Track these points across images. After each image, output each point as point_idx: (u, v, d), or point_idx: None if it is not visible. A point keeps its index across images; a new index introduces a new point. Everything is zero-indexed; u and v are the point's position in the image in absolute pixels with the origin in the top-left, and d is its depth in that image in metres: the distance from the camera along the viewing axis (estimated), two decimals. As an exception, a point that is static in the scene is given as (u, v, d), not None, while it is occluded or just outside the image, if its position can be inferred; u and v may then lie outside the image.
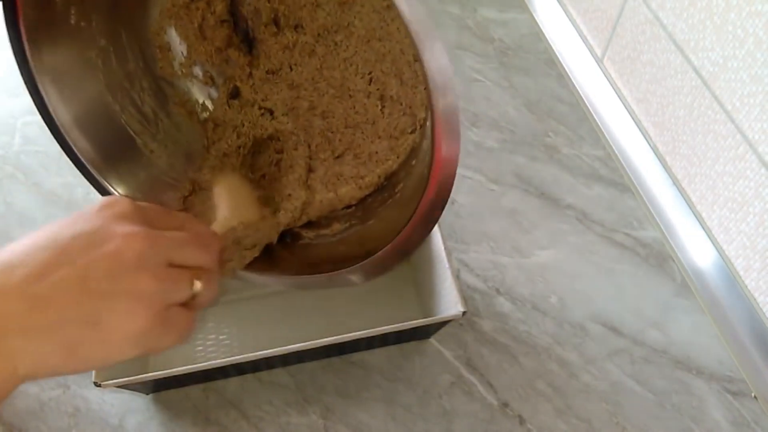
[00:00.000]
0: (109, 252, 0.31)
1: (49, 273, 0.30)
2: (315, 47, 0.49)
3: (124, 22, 0.52)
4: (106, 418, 0.56)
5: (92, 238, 0.31)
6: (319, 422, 0.56)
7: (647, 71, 0.73)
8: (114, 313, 0.30)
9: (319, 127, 0.51)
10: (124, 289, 0.31)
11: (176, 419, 0.56)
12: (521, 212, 0.70)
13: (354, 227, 0.50)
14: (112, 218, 0.32)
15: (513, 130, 0.77)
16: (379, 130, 0.48)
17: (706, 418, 0.56)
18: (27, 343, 0.29)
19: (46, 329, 0.29)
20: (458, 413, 0.56)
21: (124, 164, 0.53)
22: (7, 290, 0.29)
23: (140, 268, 0.31)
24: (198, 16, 0.52)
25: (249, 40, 0.53)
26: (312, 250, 0.52)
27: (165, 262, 0.33)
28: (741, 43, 0.57)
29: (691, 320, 0.62)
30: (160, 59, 0.55)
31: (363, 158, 0.50)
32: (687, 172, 0.69)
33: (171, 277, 0.33)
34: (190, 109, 0.56)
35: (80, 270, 0.30)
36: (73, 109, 0.50)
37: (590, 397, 0.57)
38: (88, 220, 0.32)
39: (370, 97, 0.48)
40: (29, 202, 0.70)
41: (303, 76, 0.51)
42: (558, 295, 0.63)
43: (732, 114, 0.60)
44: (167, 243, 0.33)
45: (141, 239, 0.31)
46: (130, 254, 0.31)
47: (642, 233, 0.68)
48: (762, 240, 0.59)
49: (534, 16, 0.90)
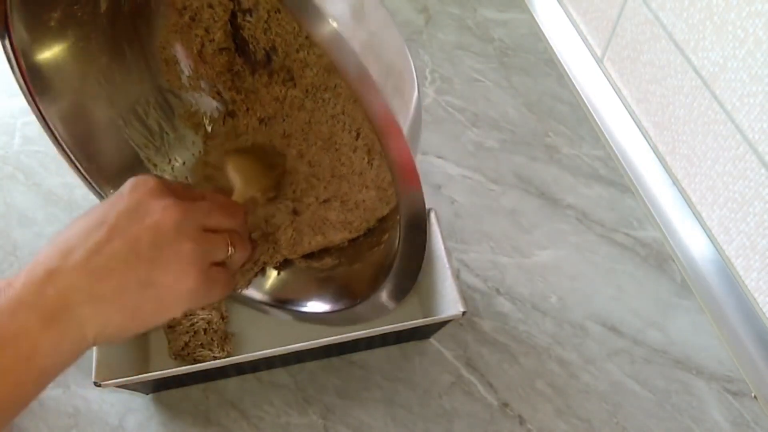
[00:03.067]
0: (151, 223, 0.35)
1: (102, 249, 0.34)
2: (304, 102, 0.49)
3: (128, 37, 0.51)
4: (106, 418, 0.56)
5: (134, 214, 0.35)
6: (319, 422, 0.56)
7: (647, 71, 0.73)
8: (165, 274, 0.35)
9: (304, 173, 0.51)
10: (170, 254, 0.35)
11: (176, 419, 0.55)
12: (521, 212, 0.70)
13: (342, 266, 0.50)
14: (147, 194, 0.36)
15: (513, 130, 0.77)
16: (366, 181, 0.48)
17: (706, 418, 0.56)
18: (94, 310, 0.34)
19: (109, 296, 0.34)
20: (458, 413, 0.56)
21: (128, 176, 0.53)
22: (71, 268, 0.33)
23: (180, 234, 0.36)
24: (197, 43, 0.51)
25: (253, 63, 0.52)
26: (299, 278, 0.52)
27: (200, 227, 0.37)
28: (741, 43, 0.57)
29: (691, 320, 0.62)
30: (166, 72, 0.54)
31: (350, 205, 0.50)
32: (687, 172, 0.69)
33: (208, 240, 0.37)
34: (197, 122, 0.56)
35: (130, 242, 0.35)
36: (75, 125, 0.50)
37: (590, 397, 0.57)
38: (126, 200, 0.36)
39: (356, 151, 0.48)
40: (29, 202, 0.70)
41: (293, 127, 0.51)
42: (558, 295, 0.63)
43: (732, 114, 0.60)
44: (199, 211, 0.38)
45: (176, 210, 0.36)
46: (169, 223, 0.35)
47: (642, 233, 0.68)
48: (762, 240, 0.59)
49: (534, 16, 0.90)
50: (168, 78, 0.54)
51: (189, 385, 0.57)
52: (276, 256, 0.52)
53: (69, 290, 0.33)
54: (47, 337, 0.33)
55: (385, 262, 0.44)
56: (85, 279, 0.33)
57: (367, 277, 0.47)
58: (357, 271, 0.49)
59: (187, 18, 0.51)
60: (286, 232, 0.51)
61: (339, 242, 0.51)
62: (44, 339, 0.33)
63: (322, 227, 0.51)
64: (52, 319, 0.33)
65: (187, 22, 0.51)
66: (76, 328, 0.33)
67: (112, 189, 0.53)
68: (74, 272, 0.33)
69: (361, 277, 0.48)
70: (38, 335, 0.32)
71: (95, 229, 0.35)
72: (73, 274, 0.33)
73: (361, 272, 0.49)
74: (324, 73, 0.47)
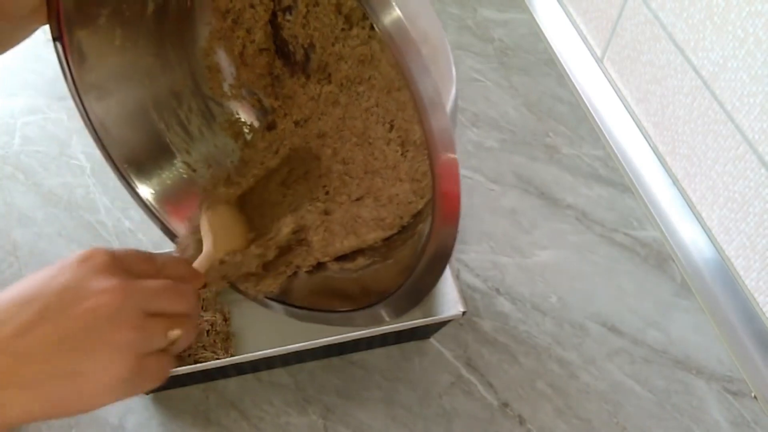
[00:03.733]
0: (85, 308, 0.32)
1: (31, 330, 0.32)
2: (339, 97, 0.49)
3: (173, 41, 0.52)
4: (106, 418, 0.56)
5: (70, 294, 0.33)
6: (319, 422, 0.56)
7: (647, 71, 0.73)
8: (92, 365, 0.32)
9: (338, 171, 0.51)
10: (102, 342, 0.32)
11: (176, 419, 0.55)
12: (521, 212, 0.70)
13: (375, 264, 0.50)
14: (90, 272, 0.34)
15: (513, 130, 0.77)
16: (400, 174, 0.48)
17: (706, 418, 0.56)
18: (13, 396, 0.31)
19: (30, 383, 0.31)
20: (458, 413, 0.56)
21: (159, 176, 0.53)
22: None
23: (116, 321, 0.33)
24: (239, 44, 0.52)
25: (292, 64, 0.52)
26: (328, 283, 0.52)
27: (141, 312, 0.34)
28: (741, 43, 0.57)
29: (691, 320, 0.62)
30: (209, 79, 0.54)
31: (383, 201, 0.50)
32: (687, 172, 0.69)
33: (147, 328, 0.34)
34: (237, 131, 0.56)
35: (60, 327, 0.32)
36: (117, 126, 0.50)
37: (590, 397, 0.57)
38: (66, 276, 0.33)
39: (390, 143, 0.48)
40: (29, 202, 0.70)
41: (328, 125, 0.51)
42: (558, 295, 0.63)
43: (732, 114, 0.60)
44: (143, 294, 0.35)
45: (115, 295, 0.33)
46: (105, 309, 0.33)
47: (642, 233, 0.68)
48: (762, 240, 0.59)
49: (534, 16, 0.90)
50: (211, 86, 0.55)
51: (189, 385, 0.57)
52: (309, 259, 0.52)
53: None
54: None
55: (413, 255, 0.43)
56: (9, 361, 0.31)
57: (395, 273, 0.46)
58: (390, 268, 0.49)
59: (229, 21, 0.51)
60: (318, 233, 0.51)
61: (372, 242, 0.51)
62: None
63: (354, 225, 0.51)
64: None
65: (229, 26, 0.51)
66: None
67: (143, 184, 0.53)
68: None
69: (390, 274, 0.47)
70: None
71: (27, 304, 0.32)
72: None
73: (392, 268, 0.49)
74: (358, 64, 0.48)
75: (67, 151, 0.74)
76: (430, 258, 0.38)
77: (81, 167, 0.73)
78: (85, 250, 0.35)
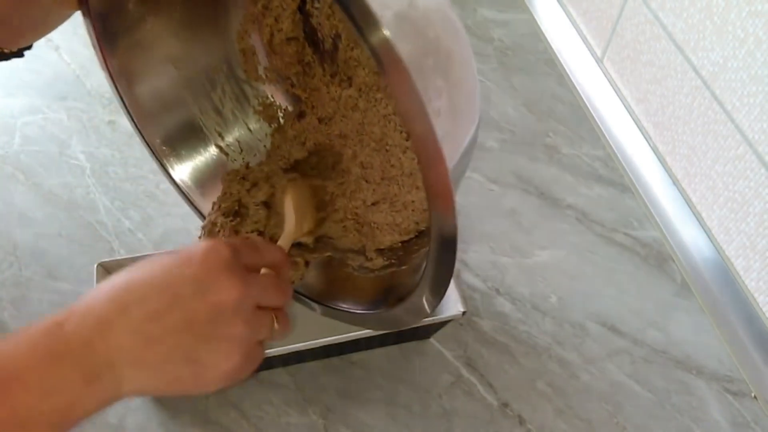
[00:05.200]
0: (213, 302, 0.35)
1: (163, 316, 0.34)
2: (358, 102, 0.49)
3: (207, 24, 0.51)
4: (106, 418, 0.56)
5: (200, 286, 0.35)
6: (319, 422, 0.56)
7: (647, 71, 0.73)
8: (211, 354, 0.35)
9: (356, 174, 0.51)
10: (222, 335, 0.35)
11: (176, 419, 0.55)
12: (521, 212, 0.69)
13: (392, 267, 0.50)
14: (216, 266, 0.36)
15: (513, 130, 0.77)
16: (417, 182, 0.48)
17: (706, 418, 0.56)
18: (135, 374, 0.34)
19: (153, 364, 0.34)
20: (458, 413, 0.56)
21: (192, 159, 0.54)
22: (125, 326, 0.34)
23: (236, 316, 0.36)
24: (267, 33, 0.51)
25: (321, 52, 0.52)
26: (347, 279, 0.52)
27: (255, 306, 0.37)
28: (741, 43, 0.57)
29: (691, 320, 0.62)
30: (243, 62, 0.54)
31: (398, 207, 0.50)
32: (687, 172, 0.69)
33: (259, 321, 0.37)
34: (272, 114, 0.56)
35: (188, 316, 0.35)
36: (150, 108, 0.50)
37: (590, 397, 0.57)
38: (195, 268, 0.36)
39: (406, 152, 0.48)
40: (29, 202, 0.70)
41: (348, 127, 0.51)
42: (558, 295, 0.63)
43: (732, 114, 0.60)
44: (257, 289, 0.37)
45: (239, 289, 0.36)
46: (230, 304, 0.35)
47: (642, 233, 0.68)
48: (762, 240, 0.59)
49: (534, 16, 0.90)
50: (246, 68, 0.54)
51: (189, 385, 0.57)
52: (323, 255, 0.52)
53: (117, 350, 0.33)
54: (87, 393, 0.33)
55: (422, 263, 0.43)
56: (136, 343, 0.34)
57: (410, 278, 0.46)
58: (403, 273, 0.49)
59: (260, 6, 0.51)
60: (337, 230, 0.51)
61: (388, 244, 0.51)
62: (84, 395, 0.33)
63: (367, 230, 0.51)
64: (95, 375, 0.33)
65: (260, 11, 0.51)
66: (115, 385, 0.34)
67: (173, 165, 0.53)
68: (126, 333, 0.33)
69: (405, 279, 0.47)
70: (79, 391, 0.33)
71: (158, 292, 0.35)
72: (124, 335, 0.33)
73: (406, 274, 0.49)
74: (374, 74, 0.48)
75: (67, 151, 0.74)
76: (436, 249, 0.38)
77: (81, 167, 0.73)
78: (208, 242, 0.37)
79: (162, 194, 0.70)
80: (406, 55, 0.28)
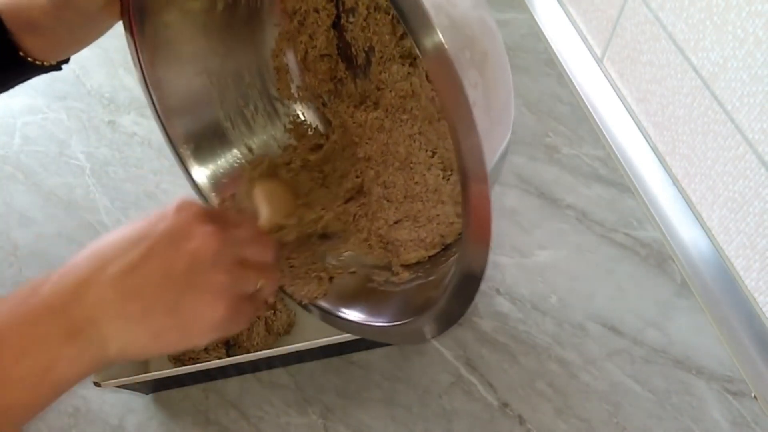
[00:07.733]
0: (189, 249, 0.35)
1: (138, 267, 0.34)
2: (384, 122, 0.50)
3: (242, 40, 0.52)
4: (106, 418, 0.56)
5: (174, 236, 0.35)
6: (319, 422, 0.56)
7: (647, 71, 0.73)
8: (194, 303, 0.35)
9: (377, 194, 0.52)
10: (203, 283, 0.35)
11: (176, 419, 0.56)
12: (521, 212, 0.70)
13: (419, 280, 0.50)
14: (191, 218, 0.36)
15: (513, 130, 0.77)
16: (442, 197, 0.49)
17: (706, 418, 0.56)
18: (119, 329, 0.33)
19: (136, 317, 0.34)
20: (458, 413, 0.56)
21: (215, 163, 0.54)
22: (103, 282, 0.33)
23: (216, 265, 0.35)
24: (301, 50, 0.52)
25: (354, 67, 0.53)
26: (371, 294, 0.52)
27: (236, 258, 0.37)
28: (741, 43, 0.57)
29: (691, 320, 0.62)
30: (277, 80, 0.55)
31: (422, 221, 0.50)
32: (687, 172, 0.69)
33: (242, 272, 0.37)
34: (302, 133, 0.56)
35: (165, 265, 0.34)
36: (184, 124, 0.51)
37: (590, 397, 0.57)
38: (169, 220, 0.36)
39: (431, 168, 0.49)
40: (29, 202, 0.70)
41: (373, 149, 0.51)
42: (558, 295, 0.63)
43: (732, 114, 0.60)
44: (237, 241, 0.37)
45: (215, 238, 0.35)
46: (207, 252, 0.35)
47: (642, 233, 0.68)
48: (762, 240, 0.59)
49: (534, 16, 0.90)
50: (279, 87, 0.55)
51: (189, 385, 0.57)
52: None
53: (98, 305, 0.33)
54: (68, 349, 0.33)
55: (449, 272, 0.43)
56: (116, 296, 0.33)
57: (434, 290, 0.46)
58: (429, 285, 0.49)
59: (296, 23, 0.52)
60: (359, 246, 0.52)
61: (414, 260, 0.51)
62: (65, 351, 0.32)
63: (392, 248, 0.51)
64: (76, 331, 0.33)
65: (296, 27, 0.52)
66: (99, 343, 0.33)
67: (192, 167, 0.54)
68: (106, 287, 0.33)
69: (430, 292, 0.47)
70: (60, 347, 0.32)
71: (134, 245, 0.34)
72: (104, 289, 0.33)
73: (432, 286, 0.49)
74: (400, 98, 0.48)
75: (67, 151, 0.74)
76: (460, 276, 0.39)
77: (81, 167, 0.73)
78: (182, 200, 0.37)
79: (162, 194, 0.70)
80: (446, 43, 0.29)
